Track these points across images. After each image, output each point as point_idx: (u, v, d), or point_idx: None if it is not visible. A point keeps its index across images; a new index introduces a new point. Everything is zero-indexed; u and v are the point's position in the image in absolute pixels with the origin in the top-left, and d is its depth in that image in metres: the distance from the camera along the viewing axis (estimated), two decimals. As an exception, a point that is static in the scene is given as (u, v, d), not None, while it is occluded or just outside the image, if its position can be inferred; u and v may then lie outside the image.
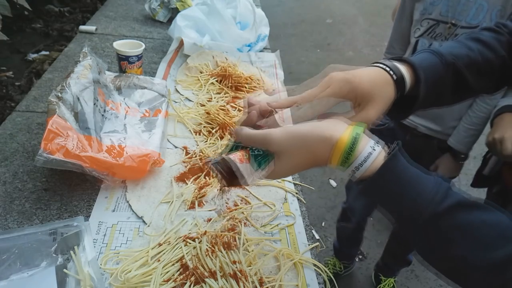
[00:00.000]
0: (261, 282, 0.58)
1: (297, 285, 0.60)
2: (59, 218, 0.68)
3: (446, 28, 1.01)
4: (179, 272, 0.59)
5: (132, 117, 0.87)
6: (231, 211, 0.72)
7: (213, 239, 0.63)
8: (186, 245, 0.62)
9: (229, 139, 0.88)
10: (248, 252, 0.63)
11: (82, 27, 1.38)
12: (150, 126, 0.86)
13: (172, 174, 0.79)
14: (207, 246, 0.61)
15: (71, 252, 0.59)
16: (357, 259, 1.81)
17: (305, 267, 0.64)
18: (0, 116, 1.12)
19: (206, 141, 0.90)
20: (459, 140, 1.09)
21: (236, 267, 0.58)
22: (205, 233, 0.64)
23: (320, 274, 0.63)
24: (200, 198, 0.74)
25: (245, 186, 0.78)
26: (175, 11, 1.49)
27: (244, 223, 0.70)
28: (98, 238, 0.65)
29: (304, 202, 0.78)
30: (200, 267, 0.57)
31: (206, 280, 0.56)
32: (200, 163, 0.82)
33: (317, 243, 0.68)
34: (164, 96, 0.96)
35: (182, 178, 0.78)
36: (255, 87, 1.12)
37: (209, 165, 0.49)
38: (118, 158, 0.72)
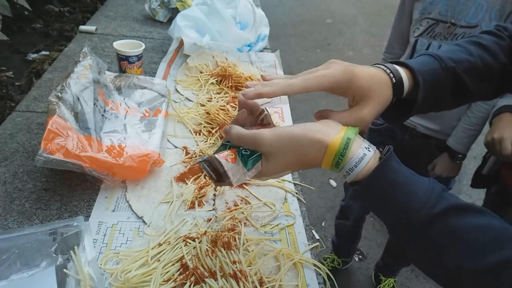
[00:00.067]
0: (261, 282, 0.58)
1: (297, 285, 0.60)
2: (59, 218, 0.68)
3: (445, 28, 1.01)
4: (179, 272, 0.59)
5: (132, 117, 0.87)
6: (231, 211, 0.72)
7: (213, 239, 0.63)
8: (186, 245, 0.62)
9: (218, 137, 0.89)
10: (248, 252, 0.63)
11: (82, 27, 1.38)
12: (150, 126, 0.86)
13: (172, 174, 0.79)
14: (207, 246, 0.61)
15: (71, 252, 0.59)
16: (356, 258, 1.81)
17: (305, 267, 0.64)
18: (0, 116, 1.11)
19: (206, 141, 0.90)
20: (458, 140, 1.09)
21: (236, 267, 0.58)
22: (205, 233, 0.64)
23: (320, 274, 0.63)
24: (200, 198, 0.74)
25: (245, 186, 0.78)
26: (175, 11, 1.49)
27: (244, 223, 0.70)
28: (98, 238, 0.65)
29: (304, 202, 0.78)
30: (200, 267, 0.57)
31: (206, 280, 0.56)
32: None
33: (317, 243, 0.68)
34: (164, 96, 0.96)
35: (182, 178, 0.78)
36: (255, 87, 1.11)
37: (198, 163, 0.49)
38: (118, 158, 0.72)
